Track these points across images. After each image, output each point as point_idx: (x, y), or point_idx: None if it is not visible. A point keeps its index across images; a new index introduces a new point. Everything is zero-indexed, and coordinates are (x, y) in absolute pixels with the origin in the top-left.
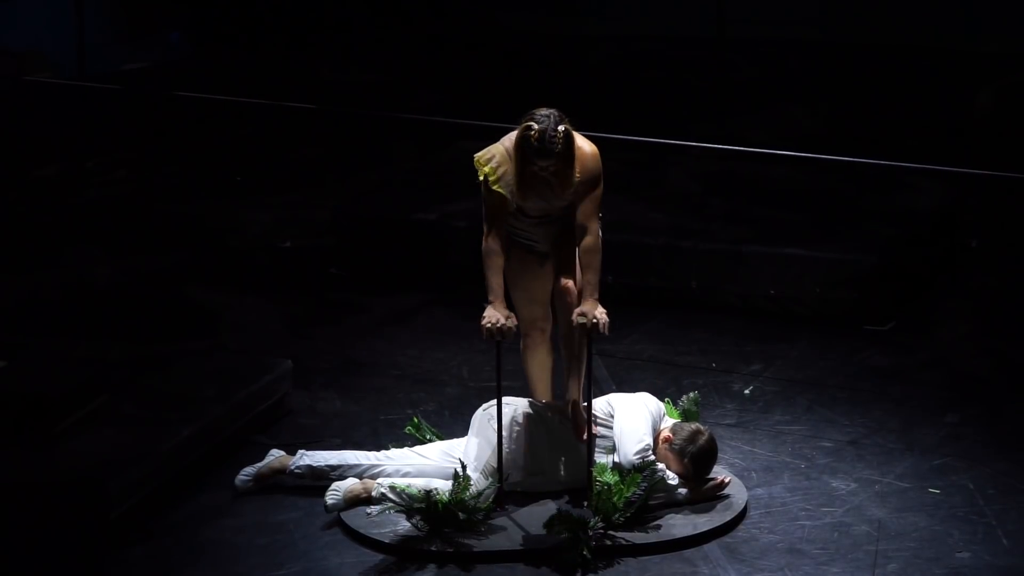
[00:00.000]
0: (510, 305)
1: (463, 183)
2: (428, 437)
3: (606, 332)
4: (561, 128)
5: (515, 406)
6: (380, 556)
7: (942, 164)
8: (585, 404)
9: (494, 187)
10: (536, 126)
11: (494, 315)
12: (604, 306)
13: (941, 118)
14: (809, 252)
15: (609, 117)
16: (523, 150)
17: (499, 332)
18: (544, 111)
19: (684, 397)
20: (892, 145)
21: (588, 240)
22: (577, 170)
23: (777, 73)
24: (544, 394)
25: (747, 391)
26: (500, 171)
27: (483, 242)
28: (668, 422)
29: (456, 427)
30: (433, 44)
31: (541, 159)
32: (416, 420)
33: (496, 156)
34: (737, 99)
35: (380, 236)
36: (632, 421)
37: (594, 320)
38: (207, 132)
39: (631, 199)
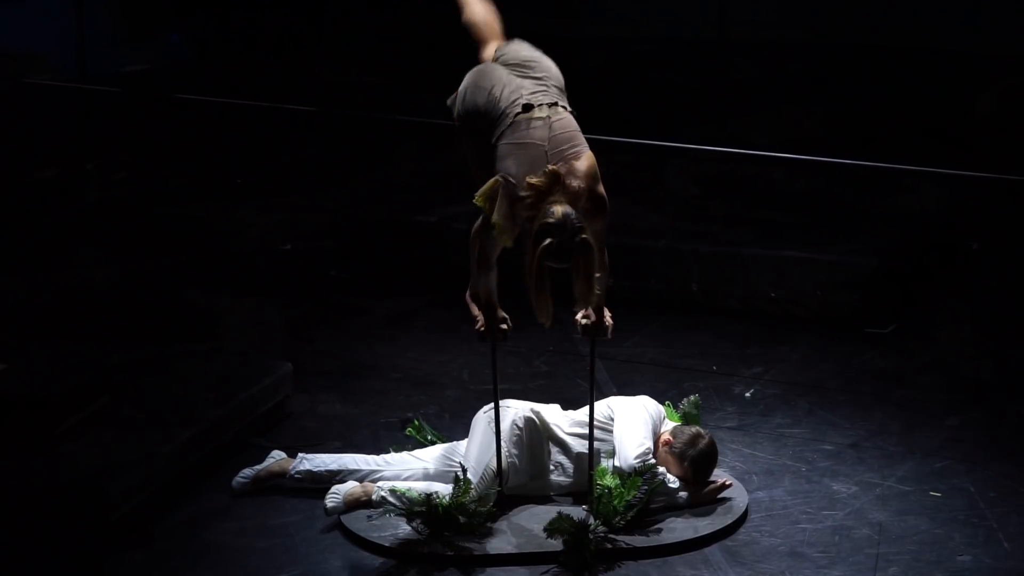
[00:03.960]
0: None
1: (463, 186)
2: (429, 438)
3: (609, 336)
4: (578, 240)
5: (515, 409)
6: (380, 559)
7: (943, 166)
8: (586, 407)
9: (496, 235)
10: (552, 240)
11: (488, 318)
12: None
13: (942, 120)
14: (810, 255)
15: (609, 119)
16: (537, 254)
17: (492, 335)
18: (560, 212)
19: (685, 400)
20: (893, 147)
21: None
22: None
23: (778, 75)
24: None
25: (748, 394)
26: (500, 219)
27: (475, 276)
28: (668, 425)
29: (456, 430)
30: (433, 46)
31: (557, 264)
32: (417, 422)
33: (498, 203)
34: (738, 101)
35: (380, 238)
36: (632, 425)
37: (599, 323)
38: (207, 134)
39: (631, 202)
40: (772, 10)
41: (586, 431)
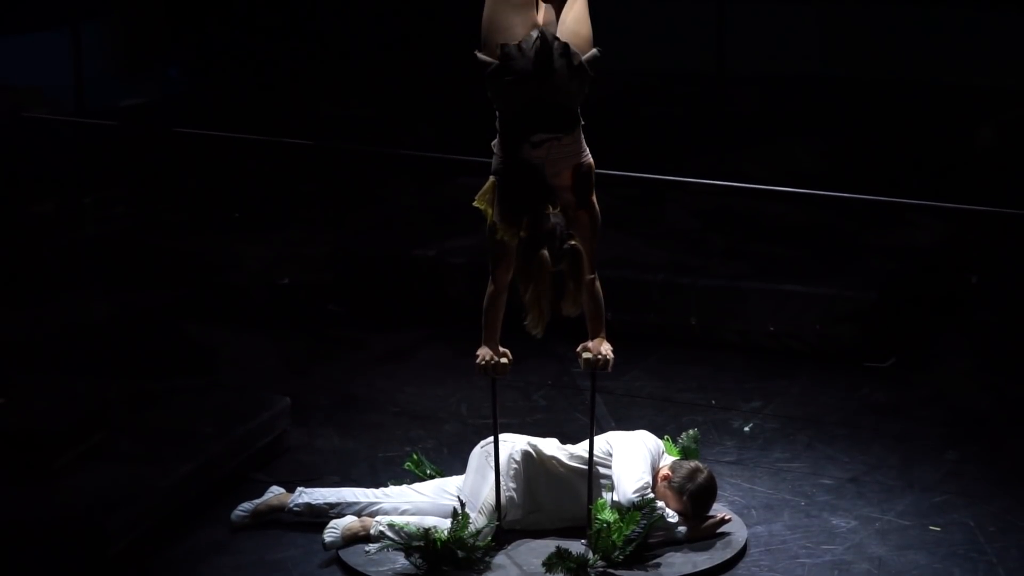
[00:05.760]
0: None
1: (462, 219)
2: (428, 473)
3: (609, 369)
4: (567, 246)
5: (513, 443)
6: None
7: (942, 200)
8: (584, 441)
9: (498, 235)
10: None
11: (488, 352)
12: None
13: (941, 153)
14: (809, 288)
15: (607, 153)
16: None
17: (493, 369)
18: (550, 223)
19: (683, 434)
20: (892, 181)
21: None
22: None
23: (776, 109)
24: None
25: (747, 428)
26: (500, 219)
27: (488, 287)
28: (667, 460)
29: (455, 464)
30: (432, 79)
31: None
32: (416, 456)
33: (489, 195)
34: (736, 135)
35: (379, 272)
36: (631, 459)
37: (600, 357)
38: (205, 168)
39: (630, 235)
40: (771, 44)
41: (584, 465)
